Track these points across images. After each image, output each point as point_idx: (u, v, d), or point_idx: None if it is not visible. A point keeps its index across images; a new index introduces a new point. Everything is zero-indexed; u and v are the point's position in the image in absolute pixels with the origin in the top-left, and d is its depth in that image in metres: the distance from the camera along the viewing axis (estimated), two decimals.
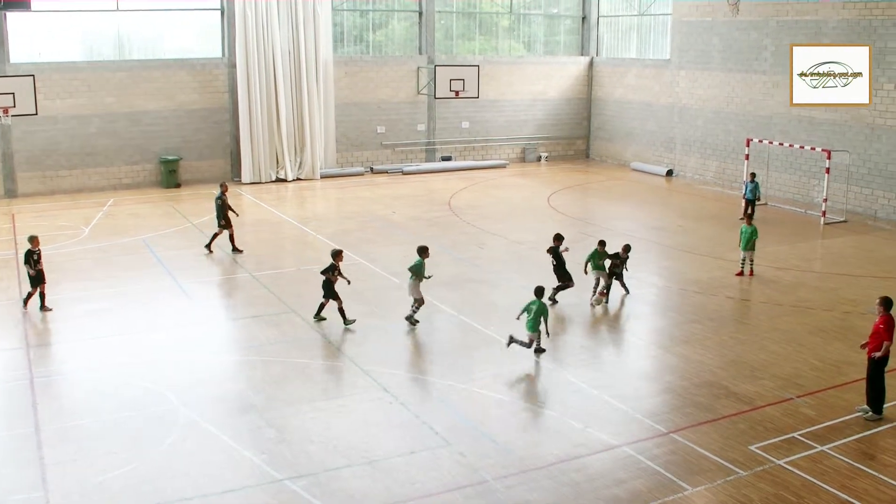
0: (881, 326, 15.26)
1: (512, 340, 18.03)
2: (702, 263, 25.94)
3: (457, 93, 41.92)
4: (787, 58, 35.89)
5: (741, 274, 24.54)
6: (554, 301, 21.49)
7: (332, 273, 19.87)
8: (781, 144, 35.61)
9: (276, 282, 23.43)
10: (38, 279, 20.63)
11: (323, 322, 20.14)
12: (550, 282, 21.37)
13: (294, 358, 17.92)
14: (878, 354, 15.19)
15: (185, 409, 15.35)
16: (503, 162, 44.94)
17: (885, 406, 15.44)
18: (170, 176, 37.05)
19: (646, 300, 22.74)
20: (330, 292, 19.91)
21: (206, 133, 38.35)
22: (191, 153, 38.02)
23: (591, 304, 21.69)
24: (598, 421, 15.10)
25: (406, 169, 41.65)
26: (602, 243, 22.09)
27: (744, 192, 32.10)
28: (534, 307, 18.05)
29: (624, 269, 22.48)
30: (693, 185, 40.21)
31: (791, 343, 19.32)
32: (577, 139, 48.10)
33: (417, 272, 19.84)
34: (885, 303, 15.48)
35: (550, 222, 31.51)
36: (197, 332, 19.80)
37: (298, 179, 39.51)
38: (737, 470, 13.43)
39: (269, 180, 38.75)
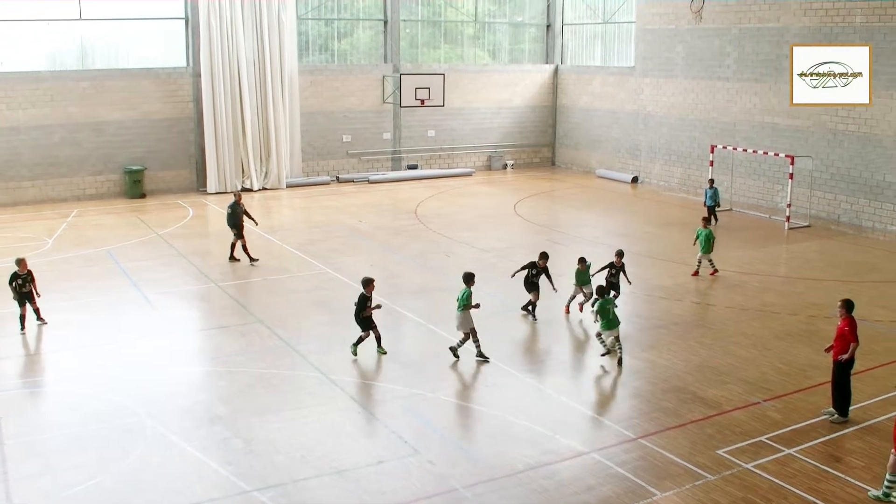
0: (845, 329, 15.39)
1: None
2: (667, 269, 26.07)
3: (422, 101, 41.95)
4: (749, 64, 36.39)
5: (696, 274, 25.10)
6: (534, 317, 21.34)
7: (365, 307, 18.50)
8: (745, 150, 35.90)
9: (242, 292, 23.32)
10: (23, 298, 20.08)
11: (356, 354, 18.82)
12: (518, 290, 21.47)
13: (261, 368, 17.82)
14: (844, 357, 15.32)
15: (152, 420, 15.22)
16: (469, 170, 44.98)
17: (850, 409, 15.55)
18: (134, 186, 36.78)
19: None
20: (367, 325, 18.64)
21: (171, 143, 38.11)
22: (155, 163, 37.76)
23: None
24: (566, 428, 15.11)
25: (372, 178, 41.60)
26: (582, 260, 21.54)
27: (704, 198, 32.41)
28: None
29: (623, 277, 21.87)
30: (658, 191, 40.43)
31: (757, 347, 19.44)
32: (542, 147, 48.25)
33: (466, 303, 18.37)
34: (846, 305, 15.64)
35: (517, 230, 31.59)
36: (163, 344, 19.63)
37: (264, 189, 39.35)
38: (705, 474, 13.48)
39: (234, 190, 38.51)
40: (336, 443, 14.48)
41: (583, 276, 21.42)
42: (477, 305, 18.45)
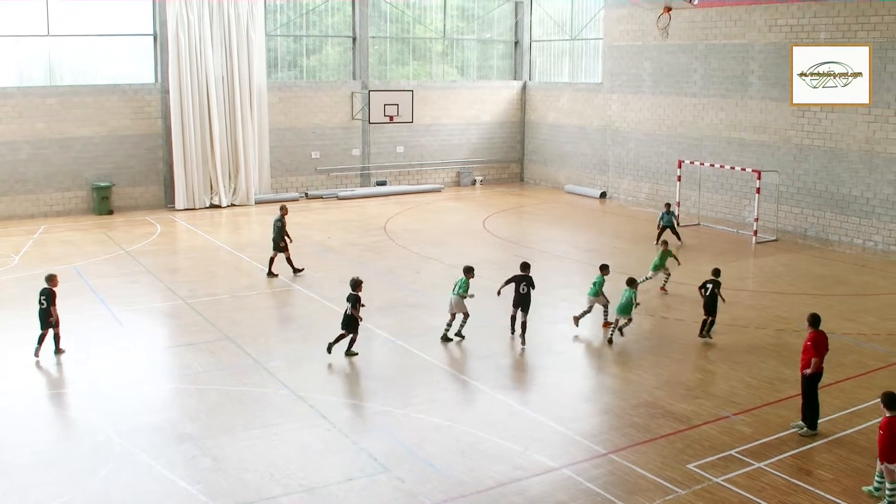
0: (808, 343, 15.54)
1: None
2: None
3: (391, 118, 41.98)
4: (715, 80, 36.70)
5: (664, 290, 25.54)
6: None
7: (356, 307, 19.23)
8: (712, 165, 36.16)
9: (210, 309, 23.16)
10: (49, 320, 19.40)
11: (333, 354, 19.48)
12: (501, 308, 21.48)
13: (229, 385, 17.71)
14: (808, 371, 15.45)
15: (120, 438, 15.06)
16: (438, 186, 45.02)
17: (819, 422, 15.65)
18: (102, 203, 36.52)
19: (582, 322, 22.83)
20: (355, 326, 19.31)
21: (139, 159, 37.88)
22: (123, 179, 37.52)
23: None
24: (537, 443, 15.09)
25: (341, 194, 41.53)
26: (604, 268, 21.98)
27: (659, 219, 31.96)
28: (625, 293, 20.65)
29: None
30: (626, 206, 40.61)
31: (726, 361, 19.53)
32: (511, 163, 48.37)
33: (463, 292, 20.35)
34: (813, 320, 15.81)
35: (486, 246, 31.62)
36: (131, 361, 19.45)
37: (233, 205, 39.18)
38: (675, 489, 13.50)
39: (203, 206, 38.37)
40: (305, 460, 14.40)
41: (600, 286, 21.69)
42: (472, 295, 20.33)
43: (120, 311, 22.83)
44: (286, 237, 26.71)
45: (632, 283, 21.17)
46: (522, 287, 20.68)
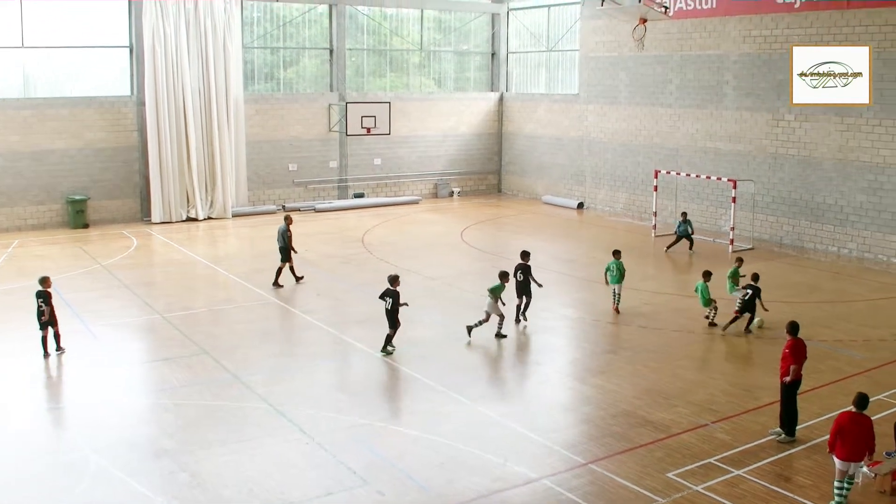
0: (786, 351, 15.64)
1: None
2: (611, 296, 26.18)
3: (368, 129, 42.00)
4: (691, 91, 36.89)
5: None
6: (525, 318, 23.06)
7: (396, 302, 20.33)
8: (688, 175, 36.32)
9: (187, 323, 23.03)
10: (49, 321, 20.20)
11: (391, 354, 20.49)
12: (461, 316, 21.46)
13: (207, 400, 17.61)
14: (787, 379, 15.53)
15: (96, 455, 14.94)
16: (416, 198, 45.03)
17: (797, 428, 15.71)
18: (77, 216, 36.31)
19: (560, 332, 22.89)
20: (396, 322, 20.40)
21: (115, 172, 37.69)
22: (99, 193, 37.32)
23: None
24: (516, 454, 15.07)
25: (319, 206, 41.46)
26: (616, 253, 24.36)
27: (676, 227, 32.53)
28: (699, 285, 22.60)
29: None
30: (604, 216, 40.72)
31: (704, 370, 19.60)
32: (488, 174, 48.44)
33: (496, 293, 21.39)
34: (791, 328, 15.90)
35: (464, 257, 31.62)
36: (107, 376, 19.31)
37: (210, 218, 39.03)
38: (655, 498, 13.50)
39: (179, 219, 38.22)
40: (284, 475, 14.32)
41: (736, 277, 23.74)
42: (504, 304, 21.62)
43: (95, 325, 22.67)
44: (292, 244, 27.00)
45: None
46: (518, 275, 22.72)
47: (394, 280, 20.65)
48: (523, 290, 22.88)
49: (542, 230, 37.54)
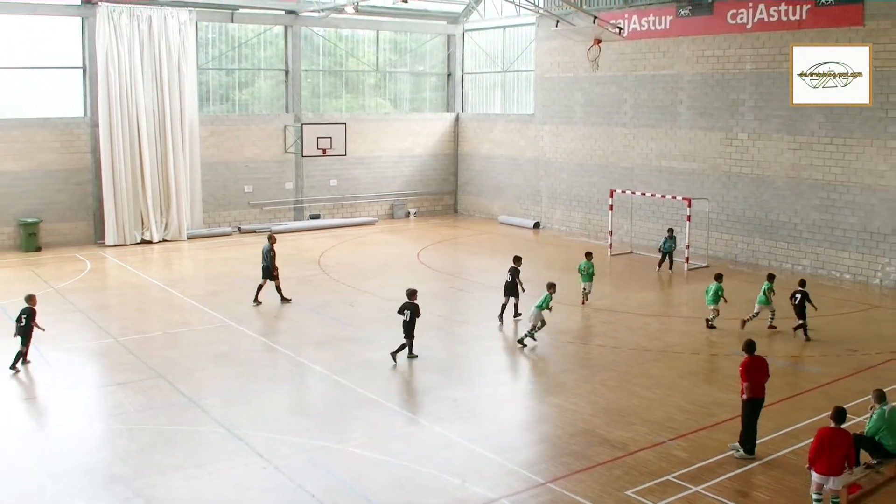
0: (740, 368, 15.82)
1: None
2: (571, 313, 26.28)
3: (324, 150, 41.94)
4: (645, 110, 37.20)
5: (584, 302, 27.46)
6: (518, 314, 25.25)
7: (414, 315, 21.23)
8: (644, 194, 36.57)
9: (142, 347, 22.77)
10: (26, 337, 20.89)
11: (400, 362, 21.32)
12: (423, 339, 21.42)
13: (162, 425, 17.39)
14: (744, 397, 15.68)
15: (51, 482, 14.71)
16: (372, 219, 44.97)
17: (756, 445, 15.80)
18: (29, 239, 35.83)
19: (518, 352, 22.88)
20: (412, 332, 21.30)
21: (68, 194, 37.29)
22: (52, 215, 36.89)
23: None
24: (475, 475, 15.02)
25: (275, 228, 41.20)
26: (771, 277, 24.94)
27: (662, 244, 33.03)
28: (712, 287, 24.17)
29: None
30: (560, 236, 40.86)
31: (661, 387, 19.66)
32: (445, 194, 48.50)
33: (543, 306, 22.57)
34: (745, 346, 16.09)
35: (421, 278, 31.57)
36: (61, 401, 19.06)
37: (165, 241, 38.70)
38: None
39: (134, 242, 37.85)
40: (241, 499, 14.17)
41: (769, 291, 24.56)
42: (550, 308, 22.82)
43: (48, 350, 22.31)
44: (276, 264, 27.26)
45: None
46: (509, 276, 25.11)
47: (412, 294, 21.58)
48: (511, 290, 25.14)
49: (498, 250, 37.56)
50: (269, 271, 27.18)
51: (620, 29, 34.18)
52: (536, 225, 43.28)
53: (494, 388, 20.20)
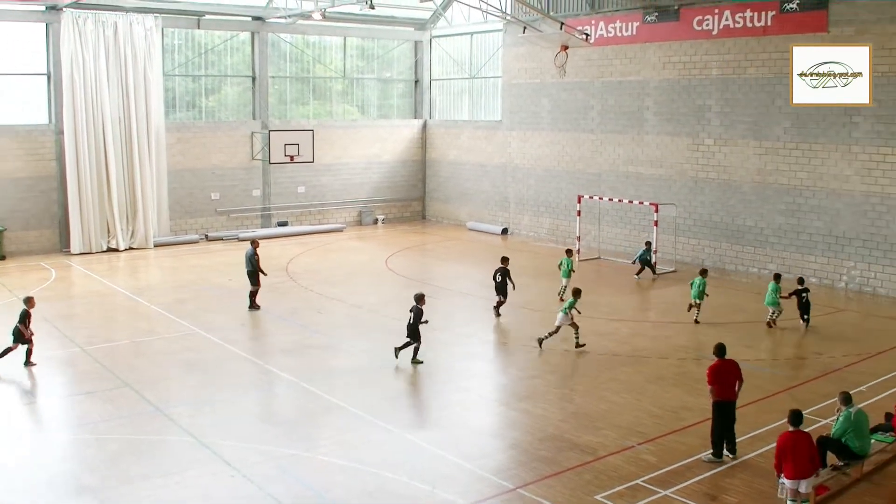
0: (707, 371, 15.94)
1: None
2: (539, 318, 26.28)
3: (292, 157, 41.82)
4: (612, 116, 37.36)
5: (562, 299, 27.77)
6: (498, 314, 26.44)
7: (418, 318, 21.41)
8: (611, 200, 36.73)
9: (108, 356, 22.57)
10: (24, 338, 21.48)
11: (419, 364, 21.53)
12: (387, 341, 21.39)
13: (129, 434, 17.25)
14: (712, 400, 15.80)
15: (15, 494, 14.54)
16: (340, 225, 44.86)
17: (725, 449, 15.89)
18: None
19: (486, 358, 22.91)
20: (418, 335, 21.45)
21: (33, 202, 36.93)
22: (16, 223, 36.52)
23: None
24: (445, 481, 14.99)
25: (242, 235, 41.03)
26: (777, 277, 26.01)
27: (639, 255, 33.16)
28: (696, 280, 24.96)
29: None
30: (528, 242, 40.94)
31: (630, 392, 19.71)
32: (412, 201, 48.49)
33: (570, 308, 22.90)
34: (715, 350, 16.18)
35: (389, 285, 31.54)
36: (26, 411, 18.88)
37: (131, 249, 38.42)
38: None
39: (100, 250, 37.54)
40: None
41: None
42: (579, 311, 23.28)
43: (12, 359, 22.06)
44: (260, 269, 27.50)
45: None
46: (497, 276, 26.41)
47: (419, 298, 21.74)
48: (501, 290, 26.33)
49: (466, 256, 37.63)
50: (255, 276, 27.38)
51: (587, 35, 34.34)
52: (504, 231, 43.34)
53: (463, 394, 20.18)
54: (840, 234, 30.78)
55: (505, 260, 26.93)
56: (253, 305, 27.40)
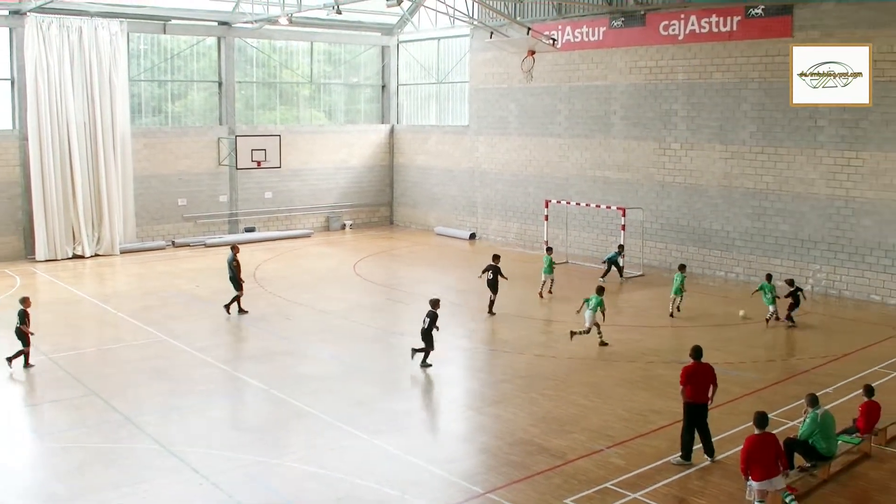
0: (681, 372, 16.06)
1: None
2: (509, 323, 26.38)
3: (259, 163, 41.68)
4: (579, 121, 37.50)
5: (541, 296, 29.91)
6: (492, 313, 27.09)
7: (433, 323, 21.80)
8: (578, 204, 36.85)
9: (75, 363, 22.39)
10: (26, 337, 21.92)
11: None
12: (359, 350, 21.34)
13: (97, 442, 17.11)
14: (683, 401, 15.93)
15: None
16: (308, 231, 44.75)
17: (693, 450, 15.98)
18: None
19: (456, 362, 22.91)
20: (431, 340, 21.83)
21: None
22: None
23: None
24: (415, 487, 14.98)
25: (209, 241, 40.86)
26: (549, 250, 29.59)
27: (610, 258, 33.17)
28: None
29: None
30: (496, 246, 40.94)
31: (599, 396, 19.78)
32: (380, 206, 48.45)
33: (597, 307, 23.85)
34: (691, 352, 16.33)
35: (357, 290, 31.50)
36: None
37: (97, 255, 38.12)
38: None
39: (65, 257, 37.23)
40: None
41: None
42: (604, 309, 24.21)
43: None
44: (241, 275, 27.57)
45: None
46: (489, 274, 27.17)
47: (434, 303, 22.15)
48: (492, 286, 27.14)
49: (435, 261, 37.64)
50: (237, 281, 27.42)
51: (554, 40, 34.43)
52: (472, 236, 43.40)
53: (432, 398, 20.19)
54: (806, 237, 31.05)
55: (496, 258, 27.71)
56: (241, 310, 27.46)
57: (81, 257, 37.56)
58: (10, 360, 21.63)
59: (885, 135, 28.87)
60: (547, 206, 36.83)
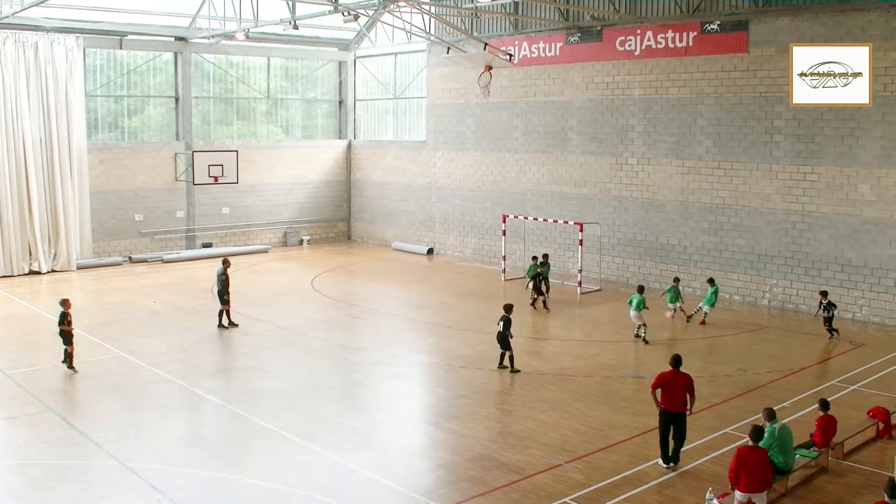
0: (657, 377, 16.61)
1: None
2: (466, 338, 26.44)
3: (216, 178, 41.54)
4: (536, 136, 37.72)
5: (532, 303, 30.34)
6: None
7: (507, 327, 22.66)
8: (536, 219, 37.02)
9: (31, 380, 22.18)
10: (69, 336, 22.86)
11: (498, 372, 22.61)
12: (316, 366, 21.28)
13: (54, 459, 16.98)
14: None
15: None
16: (265, 246, 44.63)
17: (656, 462, 16.16)
18: None
19: (413, 378, 22.95)
20: (505, 343, 22.76)
21: None
22: None
23: None
24: (373, 503, 14.99)
25: (166, 257, 40.65)
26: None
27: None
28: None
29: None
30: (453, 262, 41.11)
31: (556, 411, 19.88)
32: (338, 221, 48.44)
33: (640, 307, 25.76)
34: (671, 359, 16.71)
35: (315, 306, 31.45)
36: None
37: (53, 271, 37.79)
38: None
39: (21, 273, 36.86)
40: None
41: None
42: (647, 308, 26.11)
43: None
44: (229, 289, 27.60)
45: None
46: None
47: (508, 308, 23.04)
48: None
49: (392, 276, 37.67)
50: (222, 296, 27.50)
51: (511, 56, 34.58)
52: (430, 251, 43.48)
53: (390, 414, 20.20)
54: (762, 251, 31.41)
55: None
56: (231, 324, 27.62)
57: (38, 273, 37.22)
58: (68, 364, 22.76)
59: (840, 150, 29.29)
60: (504, 221, 36.98)
